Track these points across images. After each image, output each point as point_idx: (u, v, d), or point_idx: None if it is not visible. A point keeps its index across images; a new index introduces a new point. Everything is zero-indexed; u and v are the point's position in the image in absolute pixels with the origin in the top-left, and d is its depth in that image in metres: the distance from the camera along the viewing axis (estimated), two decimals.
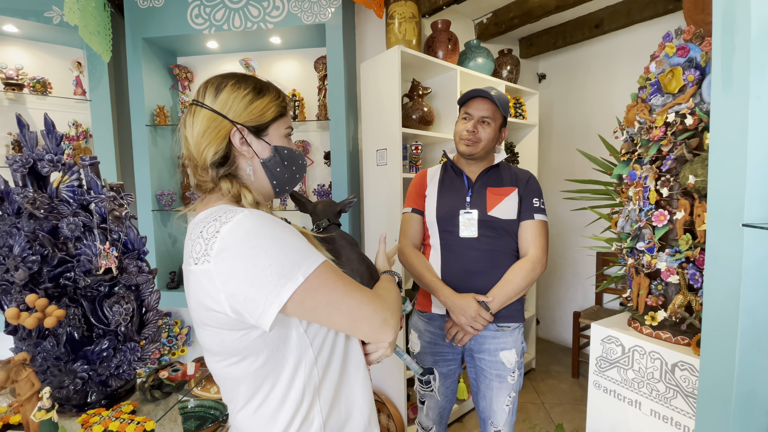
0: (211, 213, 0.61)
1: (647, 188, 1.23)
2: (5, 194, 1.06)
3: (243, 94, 0.66)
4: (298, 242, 0.59)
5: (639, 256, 1.26)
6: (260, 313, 0.56)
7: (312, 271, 0.58)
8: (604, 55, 2.88)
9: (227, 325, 0.59)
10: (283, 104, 0.72)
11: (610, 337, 1.29)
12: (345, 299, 0.60)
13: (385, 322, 0.63)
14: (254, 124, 0.67)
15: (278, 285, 0.55)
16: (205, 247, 0.57)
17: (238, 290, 0.56)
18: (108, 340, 1.13)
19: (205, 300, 0.59)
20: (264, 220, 0.58)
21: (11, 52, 1.98)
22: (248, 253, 0.55)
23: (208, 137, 0.65)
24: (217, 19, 2.04)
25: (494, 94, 1.26)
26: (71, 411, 1.10)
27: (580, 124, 3.10)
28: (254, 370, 0.61)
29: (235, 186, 0.66)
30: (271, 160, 0.70)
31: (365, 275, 0.77)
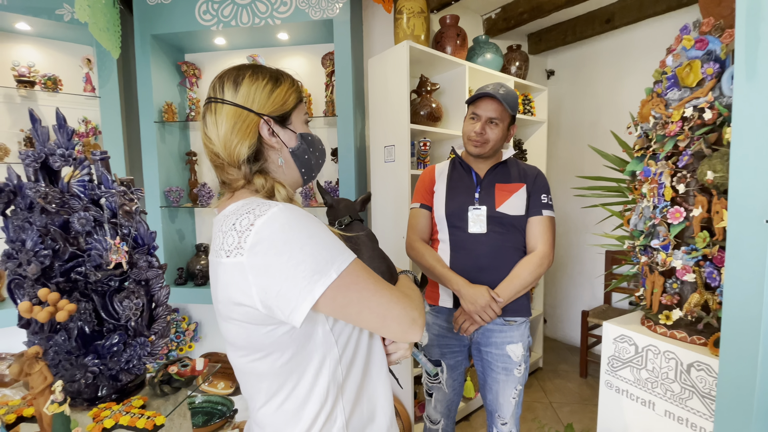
0: (243, 205, 0.60)
1: (662, 185, 1.20)
2: (18, 189, 1.06)
3: (263, 84, 0.65)
4: (331, 238, 0.59)
5: (653, 254, 1.24)
6: (292, 309, 0.55)
7: (345, 267, 0.57)
8: (615, 51, 2.83)
9: (256, 320, 0.59)
10: (299, 90, 0.71)
11: (623, 336, 1.28)
12: (375, 297, 0.60)
13: (413, 322, 0.62)
14: (279, 114, 0.66)
15: (312, 281, 0.55)
16: (239, 239, 0.56)
17: (270, 285, 0.55)
18: (118, 335, 1.13)
19: (235, 293, 0.58)
20: (299, 215, 0.58)
21: (23, 49, 2.00)
22: (283, 247, 0.54)
23: (238, 134, 0.63)
24: (225, 15, 2.03)
25: (503, 93, 1.25)
26: (82, 405, 1.10)
27: (590, 120, 3.06)
28: (279, 366, 0.61)
29: (269, 181, 0.66)
30: (300, 148, 0.69)
31: (386, 273, 0.76)
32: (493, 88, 1.28)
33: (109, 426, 1.01)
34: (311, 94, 2.22)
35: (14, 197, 1.06)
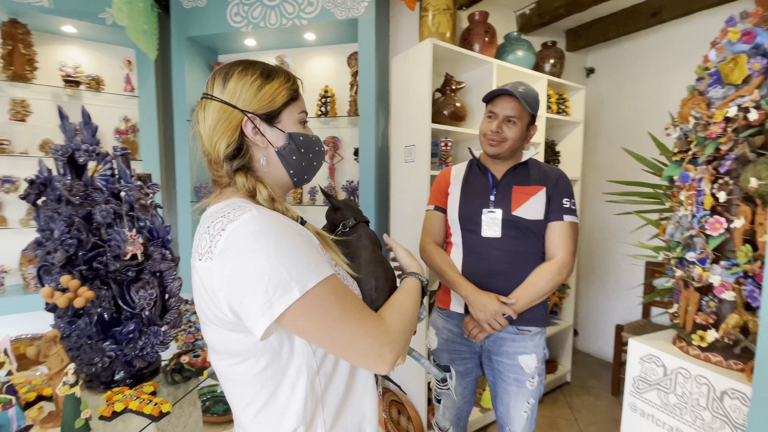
0: (222, 207, 0.58)
1: (701, 192, 1.10)
2: (48, 181, 1.14)
3: (251, 80, 0.63)
4: (302, 251, 0.55)
5: (689, 268, 1.13)
6: (253, 321, 0.53)
7: (310, 288, 0.53)
8: (662, 47, 2.63)
9: (227, 325, 0.57)
10: (294, 87, 0.68)
11: (650, 356, 1.17)
12: (339, 327, 0.55)
13: (379, 358, 0.57)
14: (265, 112, 0.64)
15: (274, 297, 0.52)
16: (210, 243, 0.55)
17: (235, 293, 0.53)
18: (134, 323, 1.18)
19: (206, 298, 0.57)
20: (271, 223, 0.55)
21: (70, 51, 2.15)
22: (249, 256, 0.52)
23: (219, 130, 0.62)
24: (255, 17, 2.09)
25: (522, 91, 1.19)
26: (99, 387, 1.16)
27: (632, 121, 2.86)
28: (254, 374, 0.59)
29: (250, 180, 0.64)
30: (286, 148, 0.66)
31: (381, 278, 0.73)
32: (512, 86, 1.21)
33: (119, 409, 1.05)
34: (336, 94, 2.23)
35: (45, 189, 1.14)
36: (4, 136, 1.95)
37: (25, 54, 1.91)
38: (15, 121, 1.97)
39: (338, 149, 2.30)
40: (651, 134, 1.52)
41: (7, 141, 1.95)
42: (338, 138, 2.29)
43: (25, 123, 2.00)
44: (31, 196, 1.13)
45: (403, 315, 0.65)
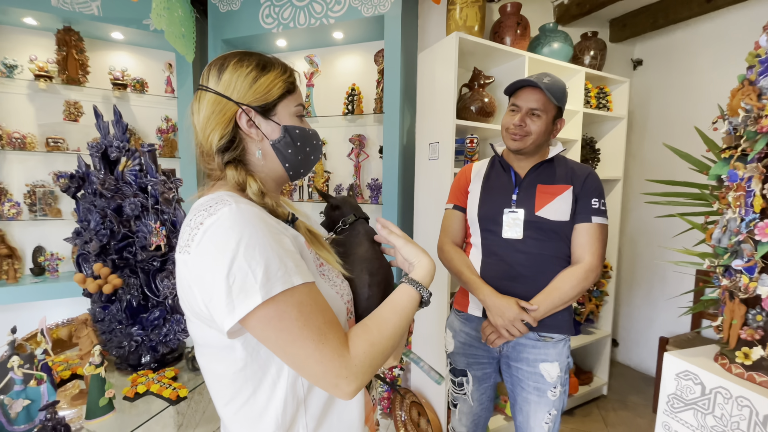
0: (206, 201, 0.57)
1: (751, 192, 0.99)
2: (86, 176, 1.23)
3: (246, 72, 0.62)
4: (275, 254, 0.53)
5: (735, 277, 1.02)
6: (219, 320, 0.52)
7: (273, 295, 0.51)
8: (717, 36, 2.39)
9: (204, 320, 0.57)
10: (291, 80, 0.67)
11: (687, 373, 1.07)
12: (295, 345, 0.52)
13: (335, 388, 0.54)
14: (261, 104, 0.63)
15: (237, 299, 0.50)
16: (189, 236, 0.55)
17: (206, 289, 0.53)
18: (159, 310, 1.24)
19: (184, 290, 0.57)
20: (248, 220, 0.53)
21: (118, 56, 2.32)
22: (220, 254, 0.51)
23: (213, 121, 0.62)
24: (285, 18, 2.13)
25: (547, 82, 1.12)
26: (127, 369, 1.24)
27: (683, 117, 2.63)
28: (234, 371, 0.58)
29: (240, 173, 0.63)
30: (281, 141, 0.65)
31: (376, 274, 0.71)
32: (536, 77, 1.15)
33: (141, 391, 1.11)
34: (363, 92, 2.23)
35: (83, 183, 1.23)
36: (60, 135, 2.14)
37: (78, 59, 2.09)
38: (69, 122, 2.16)
39: (364, 147, 2.30)
40: (697, 128, 1.38)
41: (61, 139, 2.13)
42: (364, 136, 2.29)
43: (77, 123, 2.18)
44: (71, 189, 1.22)
45: (378, 340, 0.58)
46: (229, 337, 0.53)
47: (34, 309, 2.19)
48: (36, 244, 2.24)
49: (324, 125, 2.41)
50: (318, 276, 0.63)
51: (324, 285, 0.63)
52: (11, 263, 2.11)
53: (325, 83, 2.37)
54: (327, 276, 0.66)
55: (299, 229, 0.66)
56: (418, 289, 0.65)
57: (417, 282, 0.65)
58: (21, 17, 2.03)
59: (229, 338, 0.54)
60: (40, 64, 2.05)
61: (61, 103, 2.16)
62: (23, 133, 2.09)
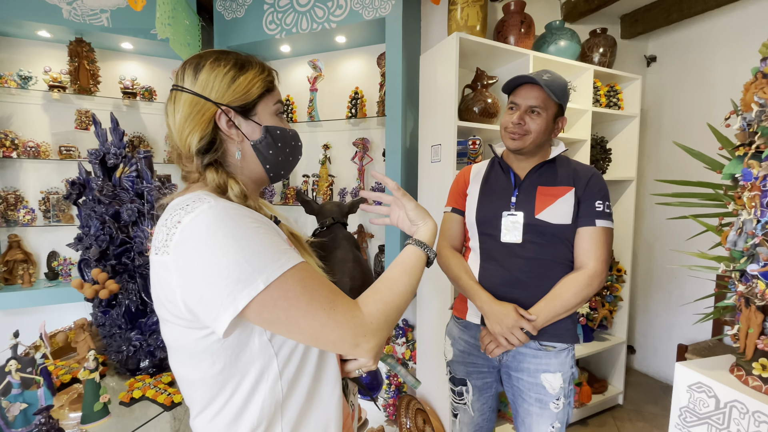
0: (182, 200, 0.56)
1: (766, 192, 0.93)
2: (87, 182, 1.25)
3: (224, 71, 0.60)
4: (265, 243, 0.53)
5: (751, 283, 0.96)
6: (214, 317, 0.51)
7: (275, 278, 0.51)
8: (735, 29, 2.28)
9: (183, 323, 0.56)
10: (269, 79, 0.65)
11: (700, 385, 1.01)
12: (307, 318, 0.53)
13: (355, 348, 0.55)
14: (240, 104, 0.62)
15: (235, 290, 0.50)
16: (166, 237, 0.53)
17: (193, 289, 0.51)
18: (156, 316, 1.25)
19: (162, 293, 0.56)
20: (229, 214, 0.53)
21: (128, 65, 2.38)
22: (206, 250, 0.50)
23: (191, 123, 0.60)
24: (288, 24, 2.15)
25: (546, 79, 1.08)
26: (126, 373, 1.25)
27: (700, 114, 2.53)
28: (211, 375, 0.56)
29: (221, 175, 0.61)
30: (262, 142, 0.64)
31: (357, 278, 0.70)
32: (535, 74, 1.11)
33: (137, 396, 1.11)
34: (366, 95, 2.22)
35: (84, 189, 1.25)
36: (72, 143, 2.20)
37: (89, 69, 2.15)
38: (80, 130, 2.22)
39: (368, 150, 2.29)
40: (710, 125, 1.31)
41: (74, 147, 2.19)
42: (368, 139, 2.28)
43: (89, 131, 2.24)
44: (72, 196, 1.25)
45: (390, 299, 0.60)
46: (225, 335, 0.52)
47: (48, 312, 2.25)
48: (50, 249, 2.30)
49: (328, 129, 2.41)
50: None
51: None
52: (26, 268, 2.17)
53: (328, 87, 2.37)
54: None
55: (282, 230, 0.65)
56: (425, 249, 0.68)
57: (422, 243, 0.69)
58: (35, 30, 2.10)
59: (224, 337, 0.53)
60: (54, 75, 2.11)
61: (73, 113, 2.23)
62: (37, 142, 2.16)
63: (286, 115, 2.36)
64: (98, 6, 2.07)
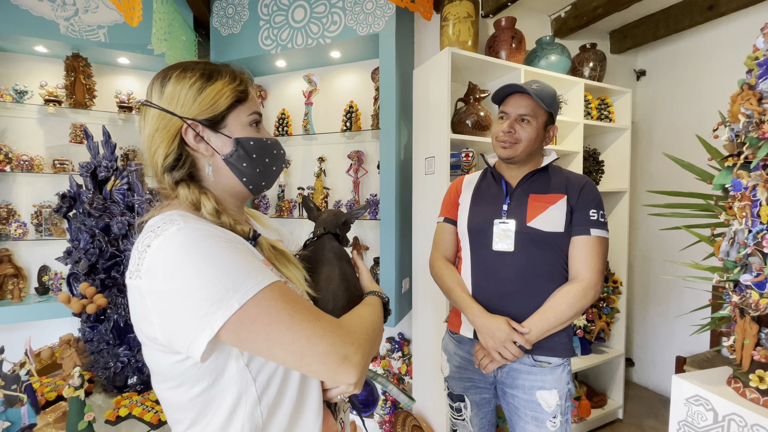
0: (155, 221, 0.55)
1: (757, 202, 0.94)
2: (77, 195, 1.24)
3: (189, 83, 0.58)
4: (238, 262, 0.51)
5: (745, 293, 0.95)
6: (190, 341, 0.49)
7: (251, 297, 0.49)
8: (722, 43, 2.34)
9: (160, 348, 0.54)
10: (241, 88, 0.62)
11: (698, 398, 1.00)
12: (291, 332, 0.50)
13: (345, 360, 0.53)
14: (208, 117, 0.59)
15: (210, 311, 0.48)
16: (138, 260, 0.52)
17: (167, 313, 0.50)
18: None
19: (138, 318, 0.55)
20: (199, 235, 0.51)
21: (124, 80, 2.40)
22: (177, 273, 0.49)
23: (157, 139, 0.59)
24: (283, 39, 2.18)
25: (535, 88, 1.09)
26: (112, 391, 1.22)
27: (690, 126, 2.57)
28: (189, 399, 0.55)
29: (193, 192, 0.60)
30: (233, 155, 0.61)
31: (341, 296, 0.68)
32: (525, 83, 1.13)
33: (123, 414, 1.08)
34: (361, 109, 2.25)
35: (74, 203, 1.24)
36: (66, 157, 2.20)
37: (85, 84, 2.16)
38: (74, 144, 2.22)
39: (363, 163, 2.30)
40: (699, 136, 1.33)
41: (68, 161, 2.19)
42: (362, 152, 2.29)
43: (83, 145, 2.24)
44: (62, 209, 1.24)
45: (363, 320, 0.61)
46: (202, 359, 0.50)
47: (37, 328, 2.21)
48: (41, 263, 2.27)
49: (323, 142, 2.42)
50: None
51: None
52: (16, 283, 2.14)
53: (323, 101, 2.39)
54: None
55: (261, 246, 0.63)
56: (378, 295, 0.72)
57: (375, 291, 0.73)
58: (33, 45, 2.12)
59: (202, 361, 0.51)
60: (50, 90, 2.12)
61: (68, 126, 2.23)
62: (31, 156, 2.15)
63: (282, 128, 2.37)
64: (95, 22, 2.10)
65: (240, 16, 2.27)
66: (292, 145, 2.52)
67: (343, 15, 2.04)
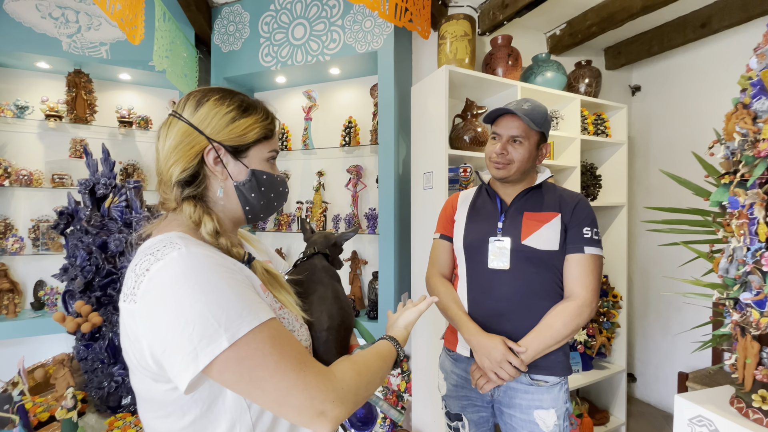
0: (154, 243, 0.55)
1: (754, 220, 0.94)
2: (75, 212, 1.24)
3: (226, 110, 0.61)
4: (234, 294, 0.51)
5: (746, 312, 0.95)
6: (177, 372, 0.49)
7: (241, 336, 0.49)
8: (714, 59, 2.38)
9: (151, 375, 0.53)
10: (270, 126, 0.66)
11: (700, 419, 0.98)
12: (273, 379, 0.50)
13: (320, 415, 0.51)
14: (233, 144, 0.62)
15: (199, 347, 0.48)
16: (134, 284, 0.52)
17: (158, 341, 0.49)
18: None
19: (129, 342, 0.54)
20: (199, 264, 0.51)
21: (125, 95, 2.42)
22: (171, 302, 0.49)
23: (178, 152, 0.60)
24: (283, 56, 2.21)
25: (526, 108, 1.10)
26: (106, 411, 1.19)
27: (685, 141, 2.59)
28: (180, 428, 0.54)
29: (198, 211, 0.61)
30: (246, 184, 0.64)
31: (336, 317, 0.68)
32: (515, 103, 1.14)
33: None
34: (359, 124, 2.27)
35: (72, 220, 1.24)
36: (65, 172, 2.20)
37: (86, 99, 2.18)
38: (74, 158, 2.23)
39: (361, 177, 2.31)
40: (695, 153, 1.34)
41: (67, 176, 2.19)
42: (361, 166, 2.31)
43: (82, 159, 2.25)
44: (60, 226, 1.24)
45: (362, 376, 0.59)
46: (187, 392, 0.50)
47: (32, 344, 2.18)
48: (38, 278, 2.26)
49: (322, 156, 2.44)
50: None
51: None
52: (12, 298, 2.12)
53: (323, 116, 2.41)
54: (286, 320, 0.62)
55: (255, 269, 0.63)
56: (396, 345, 0.71)
57: (395, 339, 0.72)
58: (35, 62, 2.15)
59: (186, 393, 0.50)
60: (51, 105, 2.14)
61: (69, 141, 2.24)
62: (30, 171, 2.16)
63: (281, 143, 2.39)
64: (98, 39, 2.13)
65: (241, 34, 2.31)
66: (291, 160, 2.53)
67: (343, 33, 2.08)
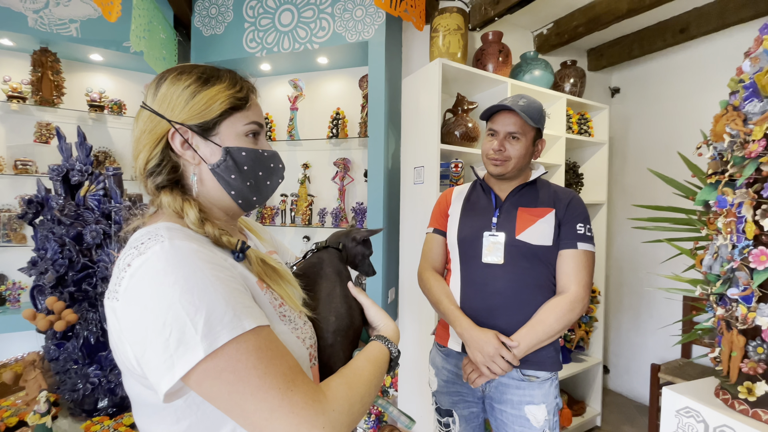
0: (141, 235, 0.50)
1: (742, 219, 0.96)
2: (45, 201, 1.14)
3: (183, 86, 0.55)
4: (218, 298, 0.45)
5: (731, 307, 0.98)
6: (155, 380, 0.44)
7: (220, 345, 0.43)
8: (692, 64, 2.48)
9: (137, 378, 0.48)
10: (240, 95, 0.58)
11: (688, 410, 1.01)
12: (255, 399, 0.44)
13: None
14: (198, 122, 0.55)
15: (175, 355, 0.43)
16: (117, 280, 0.47)
17: (138, 343, 0.45)
18: None
19: (115, 342, 0.49)
20: (183, 259, 0.46)
21: (96, 78, 2.27)
22: (150, 301, 0.44)
23: (142, 141, 0.55)
24: (269, 43, 2.13)
25: (522, 105, 1.10)
26: (81, 415, 1.11)
27: (662, 142, 2.69)
28: None
29: (177, 200, 0.55)
30: (221, 165, 0.56)
31: (344, 317, 0.64)
32: (511, 100, 1.13)
33: None
34: (348, 116, 2.22)
35: (42, 209, 1.14)
36: (29, 158, 2.04)
37: (53, 80, 2.02)
38: (39, 144, 2.07)
39: (349, 171, 2.26)
40: (681, 154, 1.38)
41: (31, 162, 2.03)
42: (349, 159, 2.26)
43: (48, 145, 2.09)
44: (28, 216, 1.13)
45: (356, 383, 0.53)
46: (166, 400, 0.45)
47: None
48: None
49: (308, 148, 2.38)
50: (276, 318, 0.55)
51: (283, 328, 0.55)
52: None
53: (309, 107, 2.35)
54: (288, 317, 0.57)
55: (250, 259, 0.57)
56: (387, 345, 0.64)
57: (385, 338, 0.65)
58: None
59: (165, 402, 0.45)
60: (14, 85, 1.98)
61: (33, 125, 2.08)
62: None
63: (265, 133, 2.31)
64: (67, 15, 1.98)
65: (224, 17, 2.20)
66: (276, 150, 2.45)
67: (332, 21, 2.02)
